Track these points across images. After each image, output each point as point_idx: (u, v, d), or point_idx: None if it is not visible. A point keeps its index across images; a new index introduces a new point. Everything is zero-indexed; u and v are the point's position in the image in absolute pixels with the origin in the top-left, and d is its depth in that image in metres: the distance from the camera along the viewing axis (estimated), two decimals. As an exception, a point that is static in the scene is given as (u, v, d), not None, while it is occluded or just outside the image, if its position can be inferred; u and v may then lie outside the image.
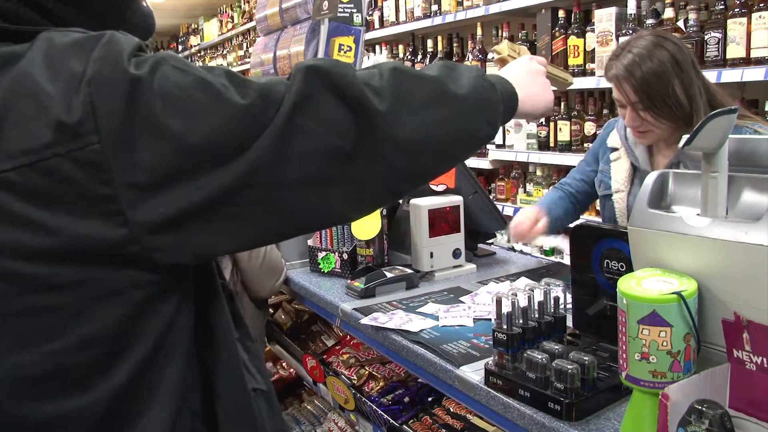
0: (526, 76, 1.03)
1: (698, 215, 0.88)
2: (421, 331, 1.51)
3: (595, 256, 1.21)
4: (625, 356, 0.88)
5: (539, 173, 3.48)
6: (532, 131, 3.42)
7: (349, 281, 1.89)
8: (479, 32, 3.75)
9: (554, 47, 3.16)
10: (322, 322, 2.59)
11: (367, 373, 2.07)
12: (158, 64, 0.69)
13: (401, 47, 4.62)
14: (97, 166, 0.66)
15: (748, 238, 0.80)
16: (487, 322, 1.53)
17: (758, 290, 0.79)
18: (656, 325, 0.83)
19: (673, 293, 0.83)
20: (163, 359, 0.76)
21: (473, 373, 1.29)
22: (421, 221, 1.93)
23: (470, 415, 1.80)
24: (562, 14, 3.14)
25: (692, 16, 2.51)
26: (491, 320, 1.24)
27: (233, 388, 0.86)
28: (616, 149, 1.97)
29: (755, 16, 2.33)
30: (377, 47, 4.68)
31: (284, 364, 2.75)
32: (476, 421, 1.77)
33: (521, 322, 1.20)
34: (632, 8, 2.76)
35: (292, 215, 0.76)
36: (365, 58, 4.10)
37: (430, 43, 4.16)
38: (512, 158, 3.59)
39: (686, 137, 0.84)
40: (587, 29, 3.03)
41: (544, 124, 3.33)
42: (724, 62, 2.42)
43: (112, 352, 0.73)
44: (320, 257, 2.09)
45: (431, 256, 1.95)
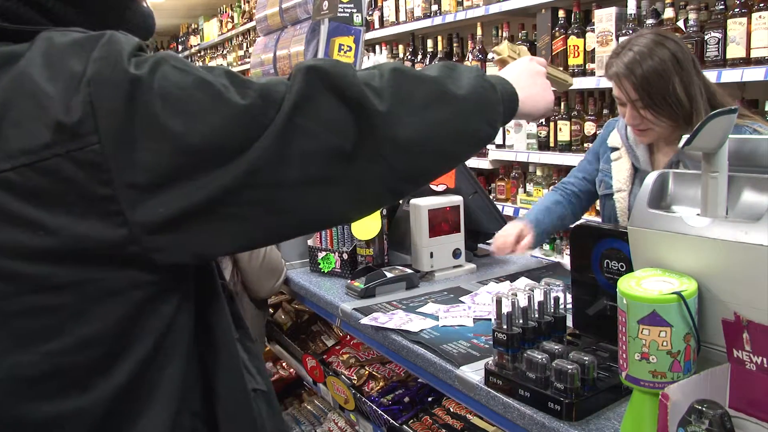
0: (526, 76, 1.03)
1: (698, 215, 0.88)
2: (421, 331, 1.51)
3: (595, 256, 1.21)
4: (625, 356, 0.88)
5: (539, 173, 3.49)
6: (532, 131, 3.42)
7: (349, 281, 1.89)
8: (479, 32, 3.75)
9: (554, 47, 3.16)
10: (322, 322, 2.59)
11: (367, 373, 2.07)
12: (158, 64, 0.69)
13: (401, 47, 4.62)
14: (96, 166, 0.66)
15: (748, 238, 0.80)
16: (487, 322, 1.53)
17: (758, 290, 0.79)
18: (656, 325, 0.83)
19: (673, 293, 0.83)
20: (163, 359, 0.76)
21: (473, 373, 1.29)
22: (421, 221, 1.93)
23: (470, 415, 1.80)
24: (562, 14, 3.14)
25: (692, 16, 2.51)
26: (491, 320, 1.24)
27: (233, 388, 0.86)
28: (616, 149, 1.97)
29: (755, 16, 2.33)
30: (377, 47, 4.68)
31: (284, 364, 2.75)
32: (476, 421, 1.77)
33: (521, 322, 1.20)
34: (632, 8, 2.76)
35: (292, 215, 0.76)
36: (365, 58, 4.10)
37: (430, 43, 4.16)
38: (512, 158, 3.59)
39: (686, 137, 0.84)
40: (587, 29, 3.03)
41: (544, 124, 3.32)
42: (724, 62, 2.42)
43: (111, 352, 0.73)
44: (320, 257, 2.09)
45: (431, 256, 1.95)
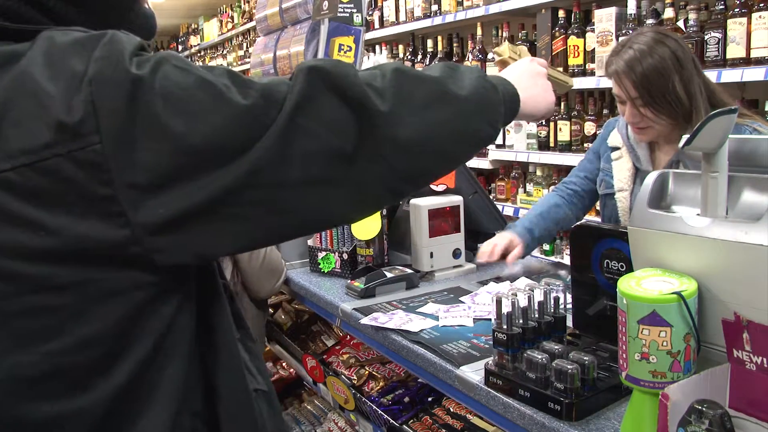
0: (527, 77, 1.03)
1: (698, 215, 0.88)
2: (421, 331, 1.51)
3: (595, 256, 1.21)
4: (625, 356, 0.88)
5: (539, 173, 3.49)
6: (532, 131, 3.42)
7: (349, 281, 1.89)
8: (479, 32, 3.75)
9: (554, 47, 3.16)
10: (322, 322, 2.59)
11: (367, 373, 2.07)
12: (160, 63, 0.69)
13: (401, 47, 4.62)
14: (97, 166, 0.66)
15: (748, 238, 0.80)
16: (487, 322, 1.53)
17: (758, 290, 0.79)
18: (656, 325, 0.83)
19: (673, 293, 0.83)
20: (163, 360, 0.76)
21: (473, 373, 1.29)
22: (421, 221, 1.93)
23: (470, 415, 1.80)
24: (562, 14, 3.14)
25: (692, 16, 2.52)
26: (491, 320, 1.24)
27: (235, 388, 0.86)
28: (617, 148, 1.97)
29: (755, 16, 2.33)
30: (377, 47, 4.68)
31: (284, 364, 2.75)
32: (476, 421, 1.77)
33: (521, 322, 1.20)
34: (632, 8, 2.76)
35: (293, 215, 0.76)
36: (365, 58, 4.10)
37: (430, 43, 4.16)
38: (512, 158, 3.59)
39: (686, 137, 0.84)
40: (587, 29, 3.03)
41: (544, 124, 3.32)
42: (724, 62, 2.42)
43: (111, 352, 0.73)
44: (320, 257, 2.09)
45: (431, 256, 1.95)
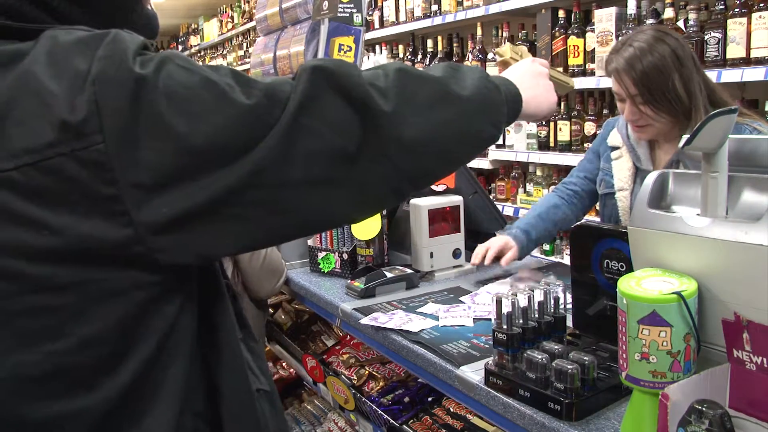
0: (529, 77, 1.03)
1: (698, 215, 0.88)
2: (421, 331, 1.51)
3: (595, 256, 1.21)
4: (625, 356, 0.88)
5: (539, 173, 3.49)
6: (532, 131, 3.42)
7: (349, 281, 1.89)
8: (479, 32, 3.75)
9: (554, 47, 3.16)
10: (322, 322, 2.59)
11: (367, 373, 2.07)
12: (163, 62, 0.69)
13: (401, 47, 4.62)
14: (100, 165, 0.66)
15: (748, 238, 0.80)
16: (487, 322, 1.53)
17: (758, 290, 0.79)
18: (656, 325, 0.84)
19: (673, 293, 0.83)
20: (166, 359, 0.76)
21: (473, 373, 1.29)
22: (421, 221, 1.93)
23: (470, 415, 1.80)
24: (562, 14, 3.14)
25: (692, 16, 2.52)
26: (491, 320, 1.24)
27: (237, 388, 0.86)
28: (617, 147, 1.96)
29: (755, 16, 2.34)
30: (377, 47, 4.68)
31: (284, 364, 2.75)
32: (476, 421, 1.77)
33: (521, 322, 1.20)
34: (632, 8, 2.76)
35: (295, 215, 0.76)
36: (365, 58, 4.10)
37: (430, 43, 4.16)
38: (512, 158, 3.59)
39: (686, 137, 0.84)
40: (587, 29, 3.03)
41: (544, 124, 3.32)
42: (724, 62, 2.43)
43: (116, 351, 0.73)
44: (320, 257, 2.09)
45: (431, 256, 1.95)
